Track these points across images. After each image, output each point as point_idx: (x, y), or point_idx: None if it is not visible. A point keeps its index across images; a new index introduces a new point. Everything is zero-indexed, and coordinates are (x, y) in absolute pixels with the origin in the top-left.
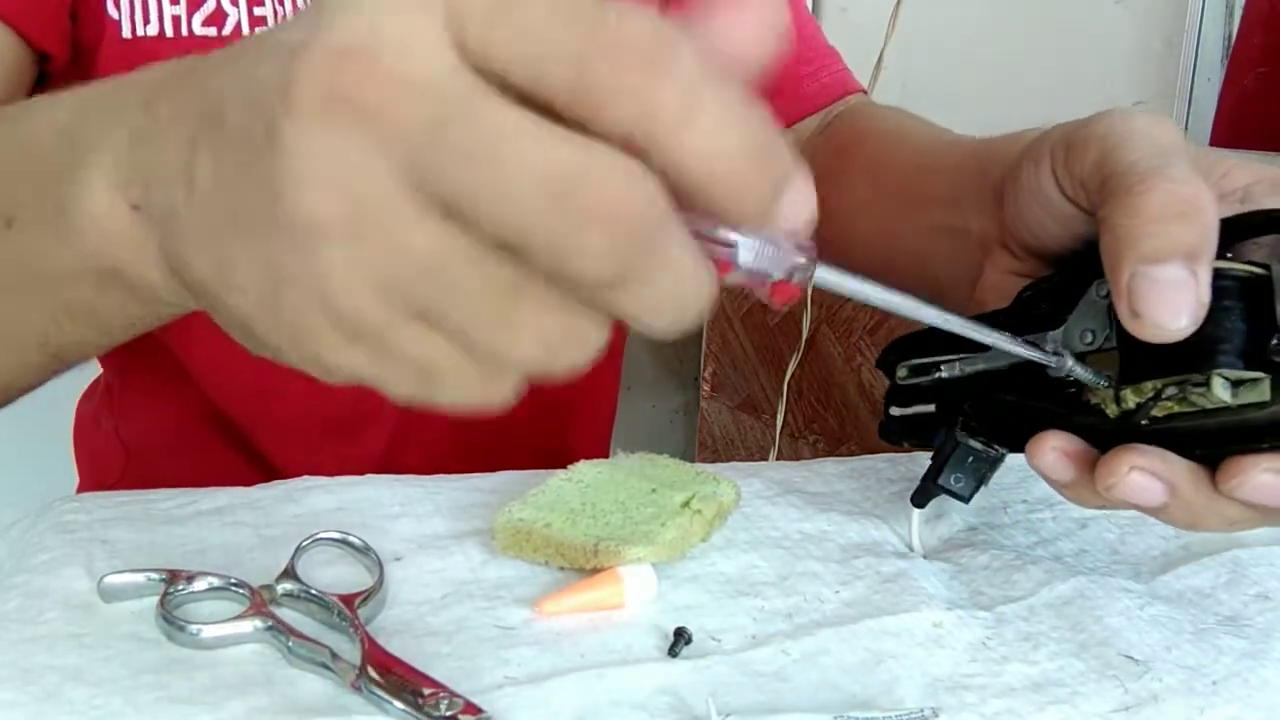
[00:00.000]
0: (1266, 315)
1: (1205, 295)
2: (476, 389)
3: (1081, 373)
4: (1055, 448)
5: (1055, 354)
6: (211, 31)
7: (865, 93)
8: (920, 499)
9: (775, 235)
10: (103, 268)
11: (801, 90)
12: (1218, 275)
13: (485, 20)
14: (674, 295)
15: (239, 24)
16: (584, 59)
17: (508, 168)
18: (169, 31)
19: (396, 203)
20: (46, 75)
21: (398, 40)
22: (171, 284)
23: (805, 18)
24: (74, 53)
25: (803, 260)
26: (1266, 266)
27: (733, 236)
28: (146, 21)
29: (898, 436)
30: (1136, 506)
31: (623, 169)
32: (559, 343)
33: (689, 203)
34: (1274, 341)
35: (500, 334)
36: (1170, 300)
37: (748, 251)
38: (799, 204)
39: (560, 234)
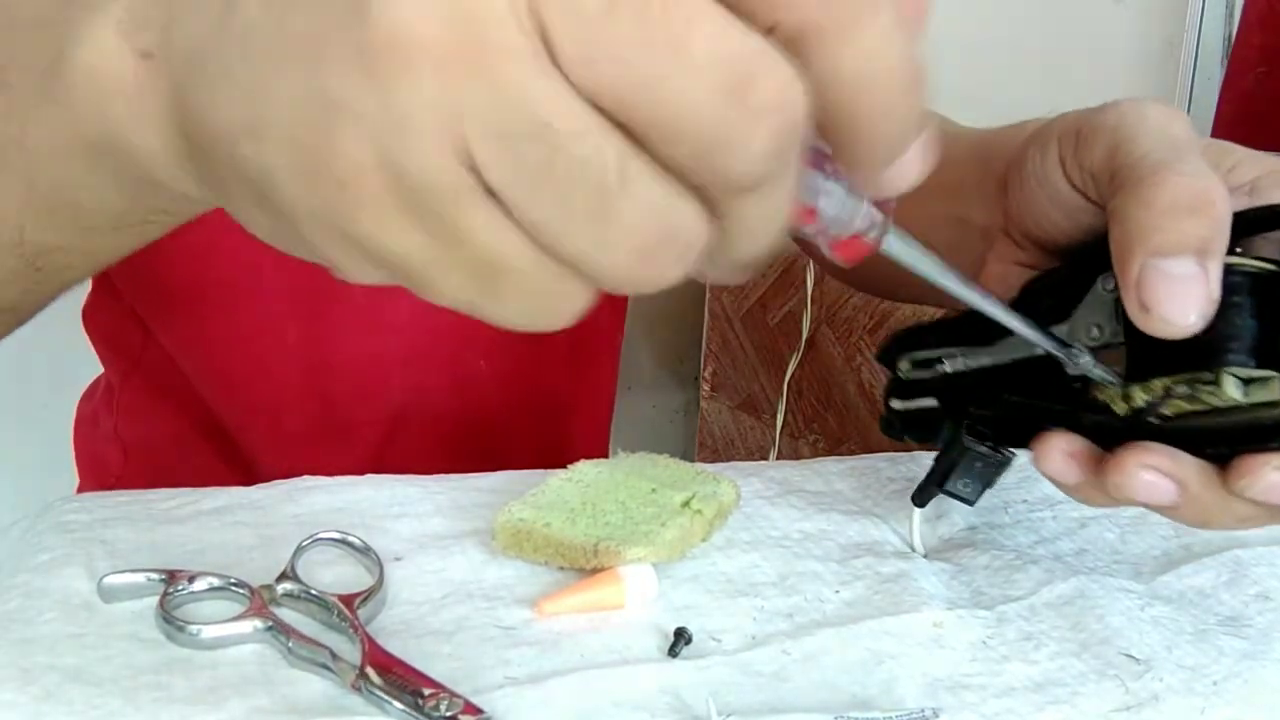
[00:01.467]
0: (1278, 312)
1: (1216, 291)
2: (541, 300)
3: (1101, 374)
4: (1062, 450)
5: (1081, 354)
6: None
7: None
8: (921, 499)
9: (859, 188)
10: (95, 136)
11: None
12: (1228, 270)
13: None
14: (776, 218)
15: None
16: None
17: (680, 43)
18: None
19: (513, 35)
20: None
21: None
22: (171, 151)
23: None
24: None
25: (881, 218)
26: (1278, 263)
27: (824, 181)
28: None
29: (898, 431)
30: (1147, 505)
31: (790, 70)
32: (655, 248)
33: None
34: None
35: (593, 229)
36: (1180, 295)
37: (834, 198)
38: (917, 161)
39: (723, 124)
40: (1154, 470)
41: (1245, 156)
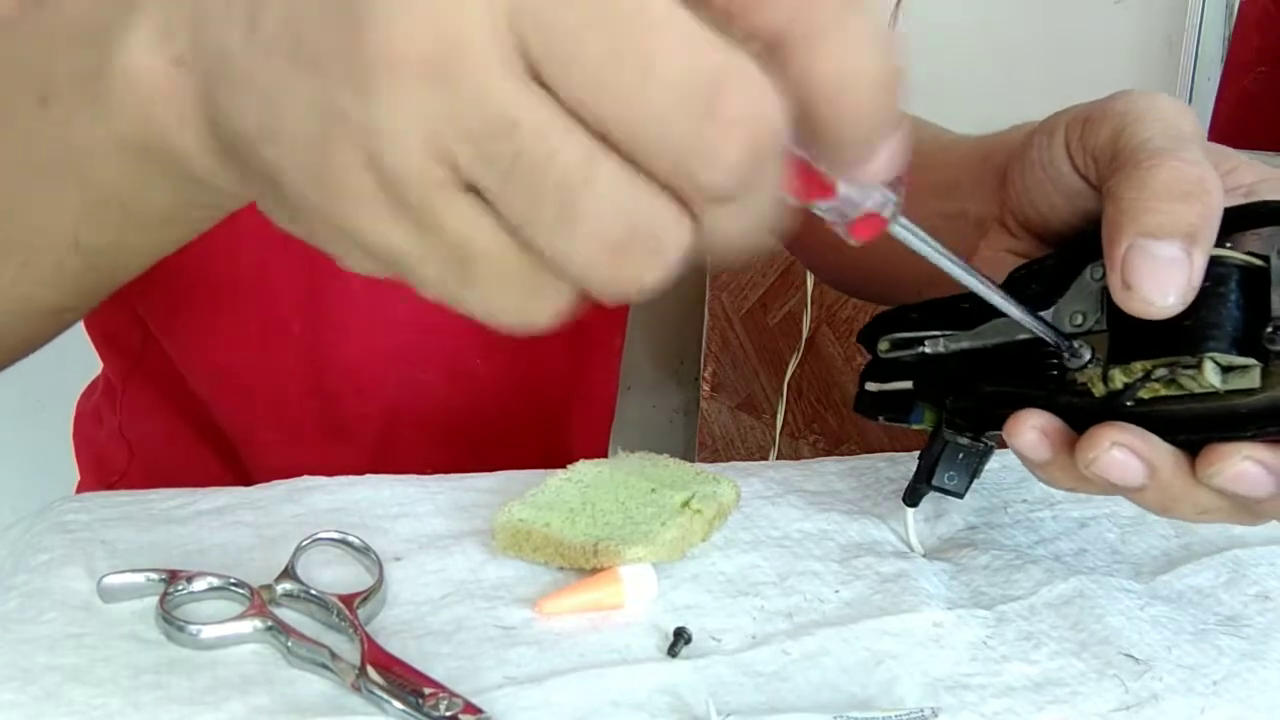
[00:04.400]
0: (1262, 305)
1: (1198, 278)
2: (518, 294)
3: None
4: (1034, 426)
5: (1082, 348)
6: None
7: None
8: (912, 498)
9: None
10: (139, 138)
11: None
12: (1216, 262)
13: None
14: (759, 220)
15: None
16: None
17: (650, 57)
18: None
19: (487, 48)
20: None
21: None
22: (207, 150)
23: None
24: None
25: (894, 197)
26: (1266, 258)
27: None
28: None
29: (873, 411)
30: (1114, 488)
31: (762, 81)
32: (625, 246)
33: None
34: (1269, 330)
35: (561, 225)
36: (1163, 277)
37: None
38: (889, 161)
39: (693, 138)
40: (1126, 449)
41: (1244, 163)
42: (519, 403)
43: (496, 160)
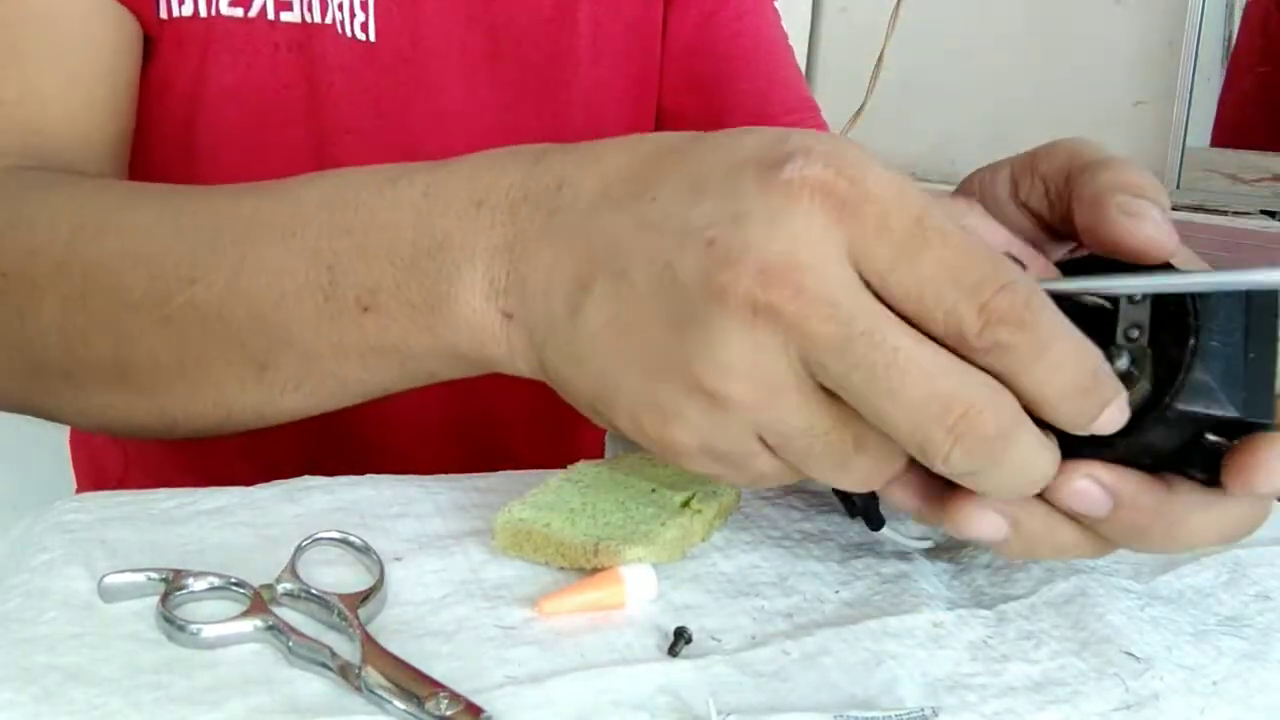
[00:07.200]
0: (1104, 342)
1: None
2: (824, 472)
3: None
4: (901, 483)
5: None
6: (238, 13)
7: None
8: (873, 525)
9: None
10: (466, 355)
11: None
12: (1066, 298)
13: (887, 263)
14: (1019, 477)
15: (264, 7)
16: (962, 316)
17: (898, 387)
18: (202, 12)
19: (792, 388)
20: None
21: (814, 265)
22: (534, 373)
23: (792, 66)
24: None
25: None
26: (1114, 301)
27: None
28: (182, 3)
29: None
30: (984, 542)
31: (990, 394)
32: (868, 479)
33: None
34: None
35: (833, 473)
36: (1157, 220)
37: None
38: (1115, 418)
39: (931, 442)
40: (987, 508)
41: None
42: (522, 404)
43: (798, 445)
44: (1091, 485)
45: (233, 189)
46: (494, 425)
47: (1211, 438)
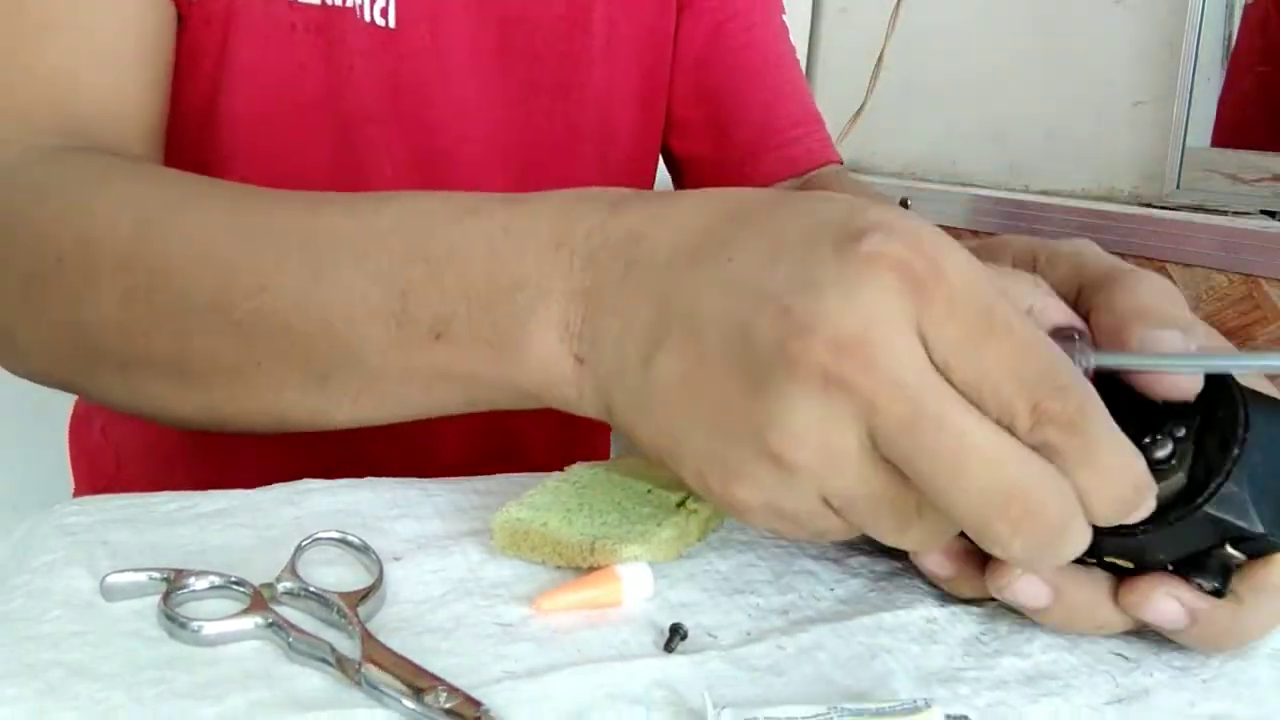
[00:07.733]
0: (1155, 415)
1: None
2: (883, 531)
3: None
4: (939, 550)
5: None
6: None
7: (841, 164)
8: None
9: None
10: (534, 392)
11: (789, 152)
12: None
13: (953, 347)
14: (1063, 557)
15: None
16: (1016, 412)
17: (961, 470)
18: None
19: (857, 457)
20: None
21: (887, 340)
22: (600, 417)
23: (799, 79)
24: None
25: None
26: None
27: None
28: None
29: None
30: (1023, 608)
31: (1051, 482)
32: (924, 542)
33: None
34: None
35: (893, 535)
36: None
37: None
38: (1141, 515)
39: (992, 530)
40: (1033, 578)
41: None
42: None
43: (860, 510)
44: (1174, 604)
45: (302, 197)
46: (508, 428)
47: (1229, 549)
